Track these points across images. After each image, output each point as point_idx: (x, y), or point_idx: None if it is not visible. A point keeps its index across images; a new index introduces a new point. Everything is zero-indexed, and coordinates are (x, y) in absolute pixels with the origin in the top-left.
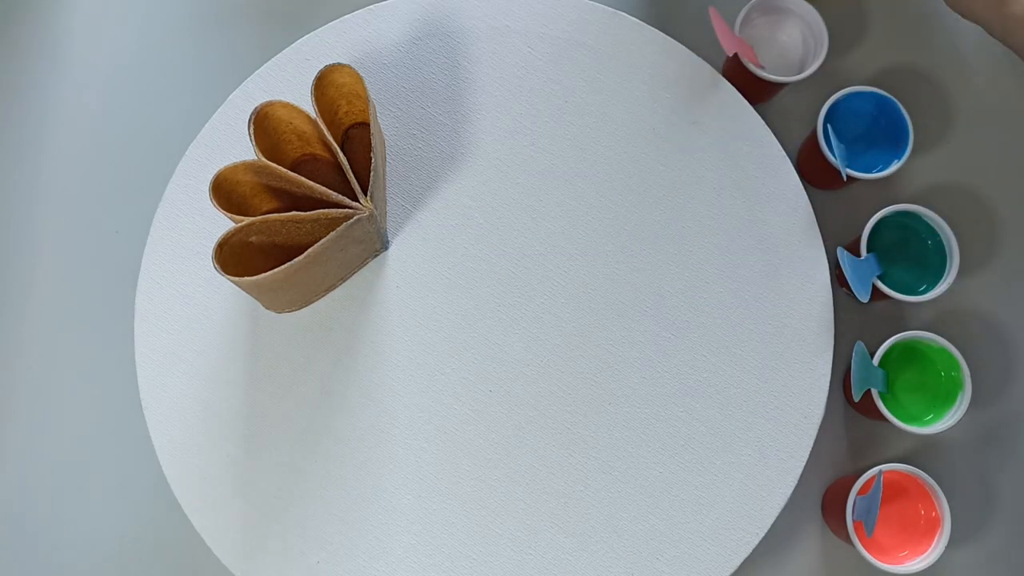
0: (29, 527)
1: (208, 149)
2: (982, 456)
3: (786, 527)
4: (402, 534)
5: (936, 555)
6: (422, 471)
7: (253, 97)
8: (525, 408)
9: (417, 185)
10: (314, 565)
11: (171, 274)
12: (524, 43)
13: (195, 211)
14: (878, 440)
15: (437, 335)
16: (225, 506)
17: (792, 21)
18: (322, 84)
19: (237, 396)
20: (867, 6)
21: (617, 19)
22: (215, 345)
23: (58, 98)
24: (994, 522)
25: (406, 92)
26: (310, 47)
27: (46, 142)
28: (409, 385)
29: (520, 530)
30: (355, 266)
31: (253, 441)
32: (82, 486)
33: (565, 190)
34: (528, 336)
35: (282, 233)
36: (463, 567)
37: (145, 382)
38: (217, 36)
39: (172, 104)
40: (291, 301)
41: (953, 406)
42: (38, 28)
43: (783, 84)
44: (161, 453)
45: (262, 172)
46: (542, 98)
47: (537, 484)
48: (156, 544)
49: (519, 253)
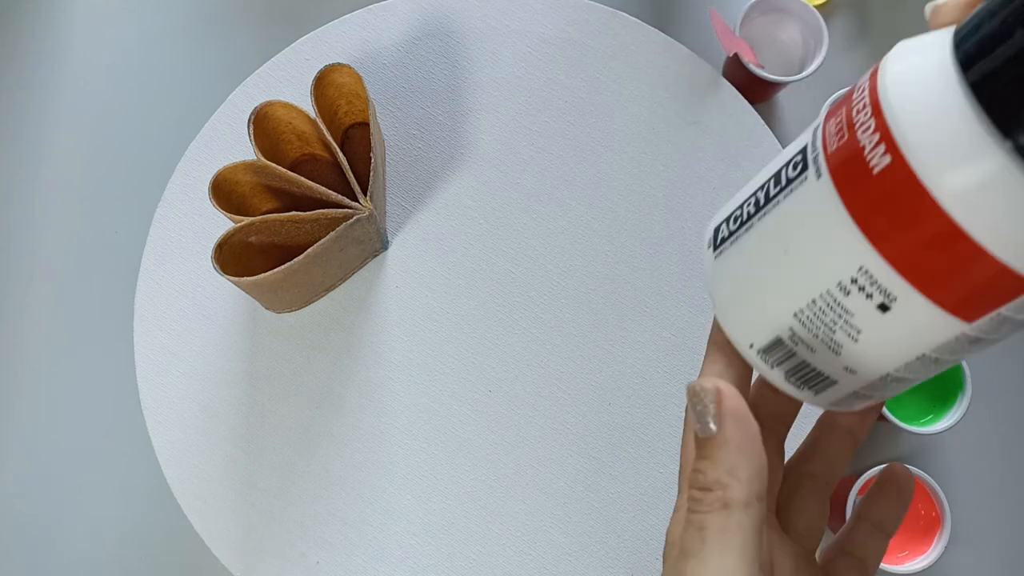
0: (28, 527)
1: (208, 149)
2: (982, 456)
3: None
4: (402, 534)
5: (936, 555)
6: (422, 471)
7: (253, 97)
8: (525, 408)
9: (417, 185)
10: (314, 565)
11: (171, 274)
12: (524, 43)
13: (195, 211)
14: (878, 440)
15: (437, 335)
16: (225, 506)
17: (792, 21)
18: (322, 84)
19: (237, 396)
20: (867, 6)
21: (617, 19)
22: (215, 345)
23: (58, 98)
24: (994, 522)
25: (406, 92)
26: (310, 47)
27: (46, 142)
28: (409, 385)
29: (520, 530)
30: (355, 266)
31: (253, 441)
32: (82, 486)
33: (565, 190)
34: (528, 336)
35: (282, 233)
36: (463, 567)
37: (145, 382)
38: (217, 36)
39: (172, 104)
40: (291, 301)
41: (953, 406)
42: (38, 28)
43: (783, 84)
44: (161, 453)
45: (262, 172)
46: (542, 98)
47: (537, 484)
48: (156, 544)
49: (519, 253)
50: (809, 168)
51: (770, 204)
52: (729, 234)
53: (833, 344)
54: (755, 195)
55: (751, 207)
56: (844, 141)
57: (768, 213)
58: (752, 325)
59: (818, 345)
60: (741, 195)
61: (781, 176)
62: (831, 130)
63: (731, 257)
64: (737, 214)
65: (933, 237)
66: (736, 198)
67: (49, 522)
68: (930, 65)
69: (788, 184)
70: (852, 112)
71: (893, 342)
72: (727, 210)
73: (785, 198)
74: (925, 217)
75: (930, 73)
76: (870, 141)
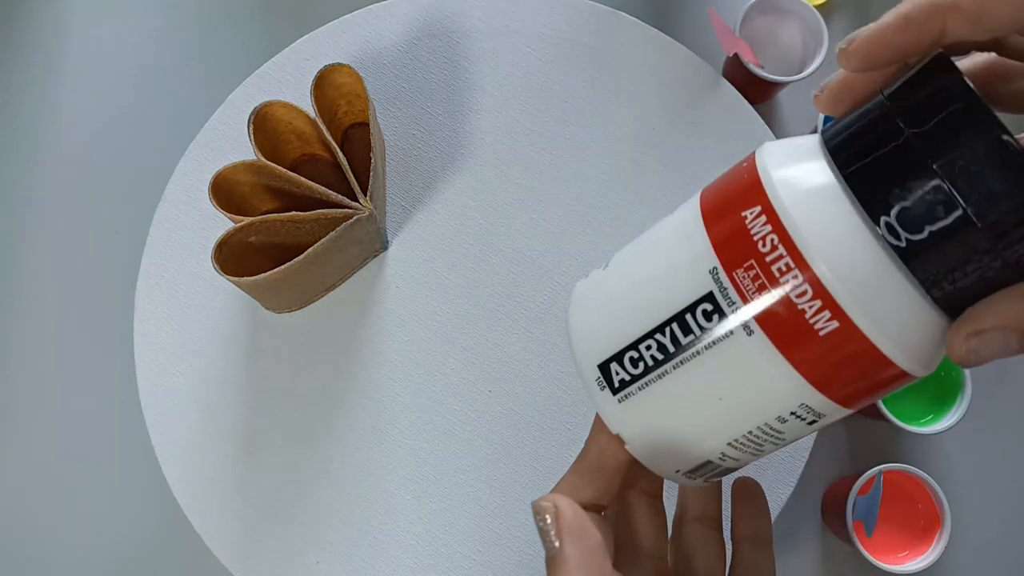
0: (29, 527)
1: (208, 149)
2: (982, 456)
3: (786, 527)
4: (402, 534)
5: (936, 555)
6: (422, 471)
7: (253, 97)
8: (525, 408)
9: (417, 185)
10: (314, 565)
11: (171, 274)
12: (524, 43)
13: (195, 211)
14: (878, 440)
15: (437, 335)
16: (225, 506)
17: (792, 21)
18: (322, 84)
19: (237, 396)
20: (867, 6)
21: (617, 19)
22: (215, 345)
23: (57, 98)
24: (994, 522)
25: (406, 92)
26: (310, 47)
27: (45, 142)
28: (409, 385)
29: (520, 530)
30: (355, 266)
31: (253, 441)
32: (82, 486)
33: (565, 190)
34: (528, 336)
35: (282, 233)
36: (463, 567)
37: (145, 382)
38: (217, 36)
39: (172, 104)
40: (291, 301)
41: (953, 406)
42: (38, 28)
43: (783, 84)
44: (161, 453)
45: (262, 172)
46: (542, 98)
47: (537, 484)
48: (156, 544)
49: (519, 253)
50: (732, 323)
51: (685, 353)
52: (632, 379)
53: (758, 452)
54: (653, 338)
55: (655, 352)
56: (776, 302)
57: (685, 363)
58: (680, 458)
59: (745, 457)
60: (616, 316)
61: (689, 324)
62: (748, 285)
63: (643, 403)
64: (634, 356)
65: (880, 377)
66: (606, 314)
67: (49, 522)
68: (854, 234)
69: (704, 334)
70: (773, 271)
71: (805, 433)
72: (610, 341)
73: (707, 350)
74: (871, 362)
75: (856, 240)
76: (810, 306)
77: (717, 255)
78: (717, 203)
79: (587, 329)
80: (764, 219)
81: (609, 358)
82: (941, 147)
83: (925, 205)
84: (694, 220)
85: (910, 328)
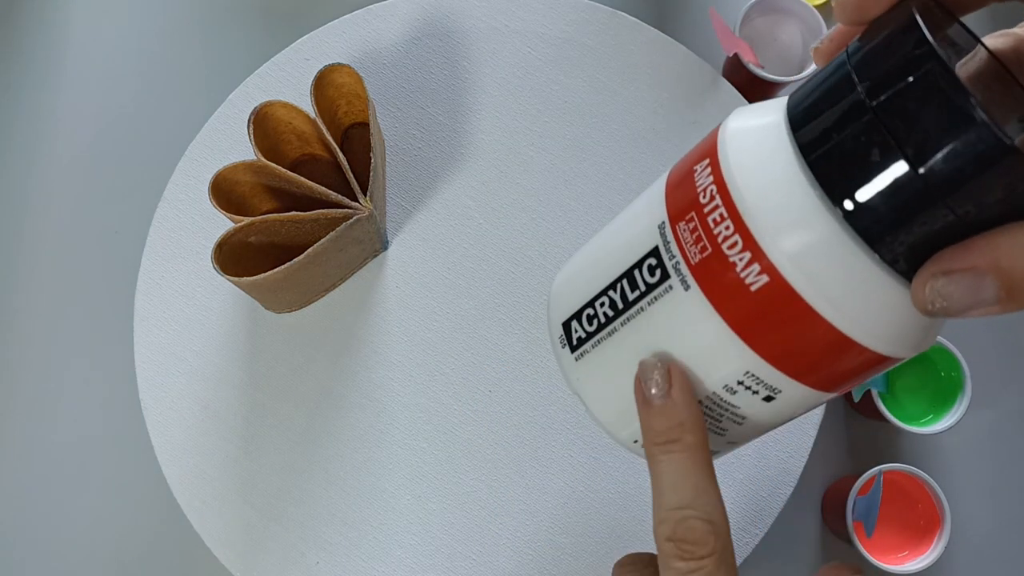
0: (28, 527)
1: (207, 149)
2: (982, 456)
3: (786, 527)
4: (402, 534)
5: (936, 555)
6: (422, 471)
7: (252, 97)
8: (525, 408)
9: (417, 185)
10: (314, 565)
11: (170, 274)
12: (524, 43)
13: (195, 211)
14: (878, 440)
15: (437, 335)
16: (225, 506)
17: (792, 21)
18: (322, 84)
19: (236, 396)
20: None
21: (617, 19)
22: (214, 345)
23: (58, 98)
24: (994, 522)
25: (406, 92)
26: (310, 47)
27: (45, 142)
28: (409, 385)
29: (520, 530)
30: (355, 266)
31: (253, 441)
32: (82, 486)
33: (565, 190)
34: (528, 336)
35: (281, 233)
36: (463, 567)
37: (144, 382)
38: (217, 36)
39: (172, 104)
40: (291, 301)
41: (953, 406)
42: (38, 28)
43: (783, 84)
44: (160, 453)
45: (261, 172)
46: (542, 98)
47: (537, 484)
48: (155, 544)
49: (519, 253)
50: (672, 277)
51: (632, 309)
52: (587, 336)
53: (719, 429)
54: (607, 295)
55: (607, 309)
56: (709, 255)
57: (632, 320)
58: (635, 425)
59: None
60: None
61: (636, 280)
62: (687, 238)
63: (596, 360)
64: (590, 313)
65: (823, 344)
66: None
67: (49, 522)
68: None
69: (648, 290)
70: (708, 221)
71: (774, 417)
72: (573, 300)
73: (649, 305)
74: (810, 326)
75: (794, 192)
76: (740, 259)
77: (667, 210)
78: (680, 165)
79: (556, 292)
80: (709, 171)
81: (570, 316)
82: (878, 88)
83: (862, 148)
84: (660, 183)
85: (856, 292)
